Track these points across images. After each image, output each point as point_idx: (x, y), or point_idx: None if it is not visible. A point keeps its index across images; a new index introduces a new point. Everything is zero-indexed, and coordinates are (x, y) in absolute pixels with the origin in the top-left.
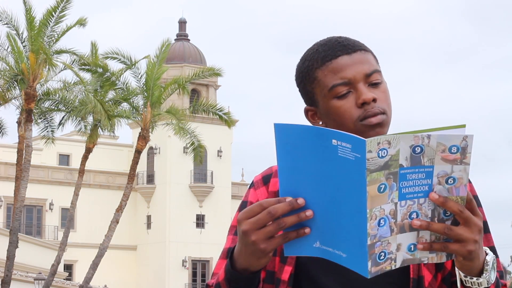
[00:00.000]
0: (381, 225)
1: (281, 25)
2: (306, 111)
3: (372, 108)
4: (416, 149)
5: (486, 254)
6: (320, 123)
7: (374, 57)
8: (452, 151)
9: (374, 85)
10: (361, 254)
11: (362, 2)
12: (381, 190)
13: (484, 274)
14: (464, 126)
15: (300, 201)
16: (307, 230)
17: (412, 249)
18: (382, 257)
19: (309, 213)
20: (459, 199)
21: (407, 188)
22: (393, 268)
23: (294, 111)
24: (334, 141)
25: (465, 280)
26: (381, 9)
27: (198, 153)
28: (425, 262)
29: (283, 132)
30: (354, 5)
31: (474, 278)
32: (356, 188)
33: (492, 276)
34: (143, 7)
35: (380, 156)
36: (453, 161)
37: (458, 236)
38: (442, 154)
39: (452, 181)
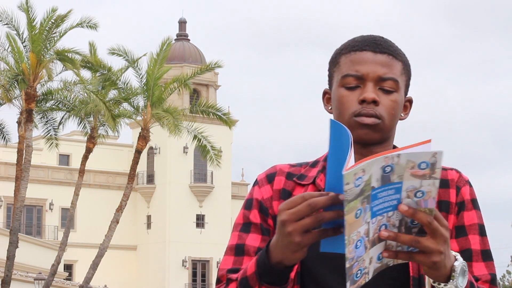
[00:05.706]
0: (357, 246)
1: (282, 25)
2: (324, 93)
3: (369, 108)
4: (386, 169)
5: (456, 259)
6: (330, 108)
7: (405, 69)
8: (421, 167)
9: (386, 91)
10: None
11: (348, 4)
12: (357, 216)
13: (451, 281)
14: (429, 141)
15: (342, 196)
16: (342, 229)
17: (380, 258)
18: (358, 275)
19: None
20: (428, 210)
21: (377, 206)
22: (367, 280)
23: (295, 111)
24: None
25: (433, 286)
26: (362, 10)
27: (213, 155)
28: (391, 264)
29: (336, 129)
30: (340, 6)
31: (442, 284)
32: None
33: (461, 281)
34: (143, 7)
35: (356, 185)
36: (422, 176)
37: (425, 248)
38: (411, 170)
39: (420, 195)
